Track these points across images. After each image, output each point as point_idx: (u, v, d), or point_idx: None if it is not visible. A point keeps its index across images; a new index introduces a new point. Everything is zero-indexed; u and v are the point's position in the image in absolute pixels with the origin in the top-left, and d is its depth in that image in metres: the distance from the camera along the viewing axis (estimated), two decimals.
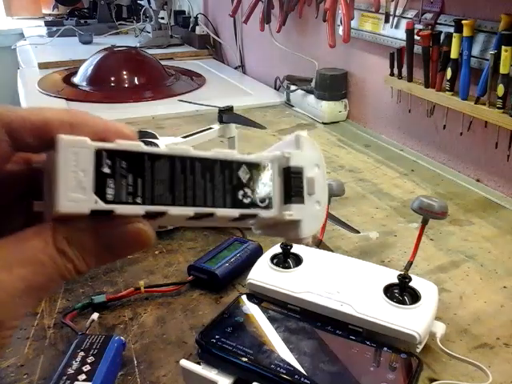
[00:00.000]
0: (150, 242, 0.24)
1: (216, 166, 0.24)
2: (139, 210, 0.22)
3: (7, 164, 0.25)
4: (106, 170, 0.22)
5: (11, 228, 0.23)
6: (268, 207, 0.25)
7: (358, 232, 0.74)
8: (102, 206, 0.21)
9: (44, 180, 0.23)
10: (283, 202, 0.26)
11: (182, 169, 0.23)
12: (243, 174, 0.25)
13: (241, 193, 0.25)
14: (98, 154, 0.22)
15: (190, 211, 0.23)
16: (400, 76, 1.02)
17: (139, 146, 0.23)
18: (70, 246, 0.22)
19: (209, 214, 0.24)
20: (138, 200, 0.22)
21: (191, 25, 2.04)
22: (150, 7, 2.06)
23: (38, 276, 0.22)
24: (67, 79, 1.58)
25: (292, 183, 0.26)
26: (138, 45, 1.97)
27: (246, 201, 0.25)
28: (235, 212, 0.24)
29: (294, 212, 0.25)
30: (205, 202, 0.24)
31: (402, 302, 0.51)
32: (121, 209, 0.22)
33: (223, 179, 0.24)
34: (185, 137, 0.89)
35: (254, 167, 0.25)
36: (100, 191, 0.21)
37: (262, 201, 0.25)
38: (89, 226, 0.22)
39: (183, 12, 2.26)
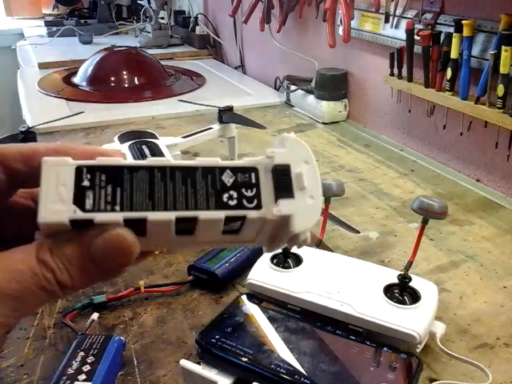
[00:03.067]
0: (131, 248, 0.23)
1: (197, 173, 0.24)
2: (117, 216, 0.23)
3: (8, 198, 0.27)
4: (86, 183, 0.23)
5: None
6: (257, 207, 0.24)
7: (358, 232, 0.74)
8: (80, 215, 0.22)
9: None
10: (274, 201, 0.25)
11: (162, 177, 0.24)
12: (227, 178, 0.24)
13: (226, 195, 0.24)
14: (79, 170, 0.23)
15: (170, 215, 0.23)
16: (400, 76, 1.02)
17: (119, 160, 0.24)
18: (52, 256, 0.22)
19: (192, 217, 0.23)
20: (117, 208, 0.23)
21: (191, 25, 2.04)
22: (150, 7, 2.06)
23: (12, 283, 0.22)
24: (67, 79, 1.58)
25: (280, 180, 0.25)
26: (138, 45, 1.97)
27: (232, 203, 0.24)
28: (220, 214, 0.24)
29: (282, 208, 0.25)
30: (186, 206, 0.23)
31: (402, 302, 0.51)
32: (99, 216, 0.22)
33: (206, 184, 0.24)
34: (185, 137, 0.89)
35: (240, 171, 0.25)
36: (79, 202, 0.22)
37: (250, 202, 0.24)
38: (73, 238, 0.23)
39: (183, 12, 2.26)
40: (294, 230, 0.25)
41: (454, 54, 0.87)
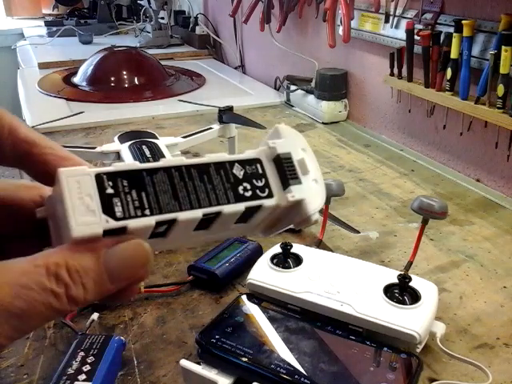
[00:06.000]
0: (147, 256, 0.23)
1: (211, 169, 0.25)
2: (150, 220, 0.22)
3: (20, 191, 0.25)
4: (110, 190, 0.22)
5: None
6: (269, 196, 0.26)
7: (358, 232, 0.74)
8: (113, 224, 0.22)
9: (50, 226, 0.24)
10: (282, 188, 0.26)
11: (180, 177, 0.24)
12: (238, 171, 0.25)
13: (241, 188, 0.25)
14: (99, 178, 0.22)
15: (198, 213, 0.24)
16: (400, 76, 1.02)
17: (135, 164, 0.24)
18: (67, 268, 0.20)
19: (217, 212, 0.24)
20: (147, 212, 0.23)
21: (191, 25, 2.04)
22: (150, 7, 2.06)
23: (16, 300, 0.19)
24: (67, 79, 1.58)
25: (285, 168, 0.26)
26: (138, 45, 1.97)
27: (248, 194, 0.25)
28: (241, 206, 0.25)
29: (295, 193, 0.26)
30: (209, 202, 0.24)
31: (402, 302, 0.51)
32: (133, 223, 0.22)
33: (221, 179, 0.25)
34: (185, 137, 0.89)
35: (246, 163, 0.26)
36: (109, 211, 0.22)
37: (262, 191, 0.26)
38: (89, 247, 0.21)
39: (183, 12, 2.26)
40: (308, 212, 0.26)
41: (454, 54, 0.87)
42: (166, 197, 0.23)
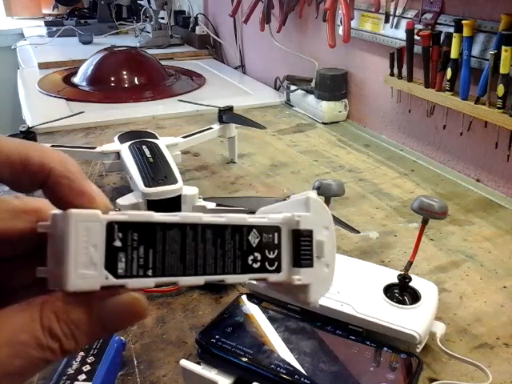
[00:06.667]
0: (144, 312, 0.22)
1: (227, 232, 0.24)
2: (150, 282, 0.22)
3: (17, 220, 0.24)
4: (118, 243, 0.21)
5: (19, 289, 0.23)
6: (276, 271, 0.25)
7: (358, 232, 0.74)
8: (113, 281, 0.21)
9: (48, 245, 0.22)
10: (292, 265, 0.25)
11: (194, 237, 0.23)
12: (253, 239, 0.25)
13: (251, 258, 0.24)
14: (110, 227, 0.21)
15: (200, 280, 0.23)
16: (400, 76, 1.02)
17: (151, 216, 0.22)
18: (58, 321, 0.20)
19: (219, 281, 0.24)
20: (149, 272, 0.22)
21: (191, 25, 2.04)
22: (150, 7, 2.06)
23: (16, 359, 0.19)
24: (67, 79, 1.58)
25: (301, 246, 0.26)
26: (138, 45, 1.97)
27: (256, 265, 0.25)
28: (245, 278, 0.24)
29: (302, 276, 0.25)
30: (215, 269, 0.23)
31: (402, 302, 0.51)
32: (132, 283, 0.21)
33: (234, 245, 0.24)
34: (185, 137, 0.89)
35: (264, 230, 0.25)
36: (111, 266, 0.21)
37: (271, 264, 0.25)
38: (81, 299, 0.21)
39: (183, 12, 2.26)
40: (309, 299, 0.26)
41: (454, 54, 0.87)
42: (173, 258, 0.22)
